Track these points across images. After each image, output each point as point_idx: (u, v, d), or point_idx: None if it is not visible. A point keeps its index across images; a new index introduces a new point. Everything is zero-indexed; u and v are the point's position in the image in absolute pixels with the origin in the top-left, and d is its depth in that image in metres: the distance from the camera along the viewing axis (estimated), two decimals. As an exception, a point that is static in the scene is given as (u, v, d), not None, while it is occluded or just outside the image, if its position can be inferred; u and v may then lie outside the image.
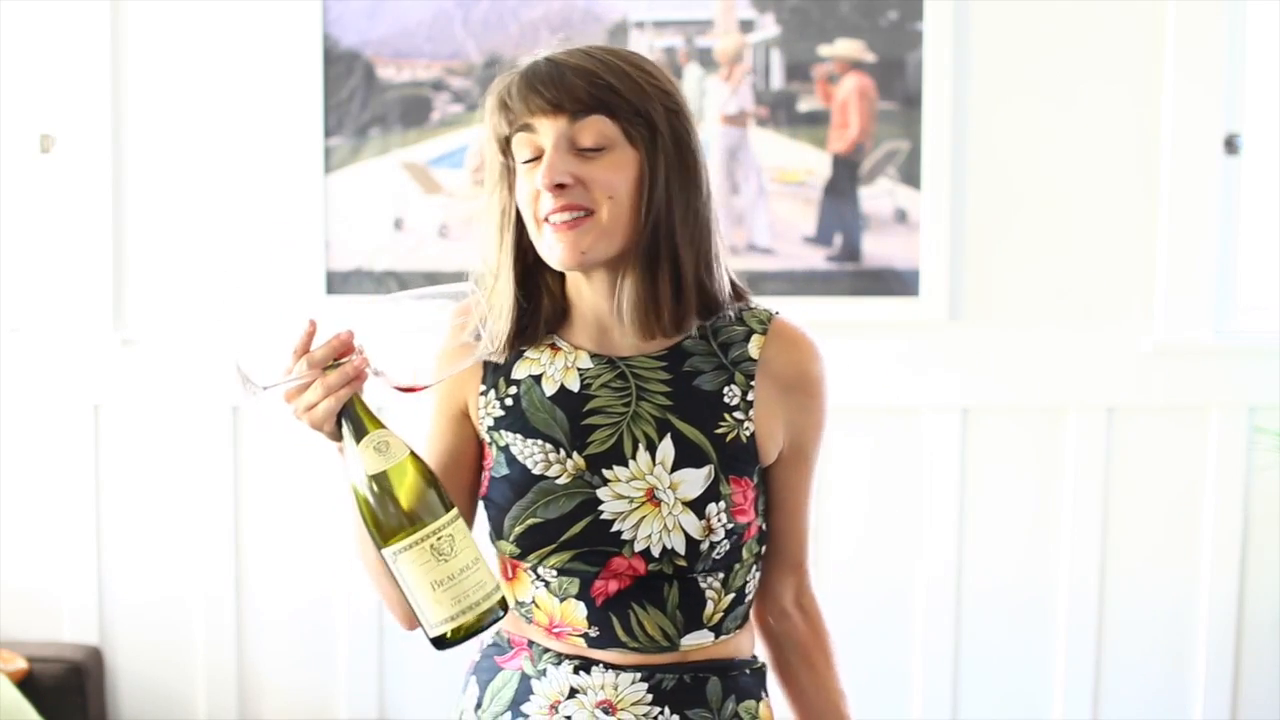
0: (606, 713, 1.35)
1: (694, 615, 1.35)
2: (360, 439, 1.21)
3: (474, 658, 1.47)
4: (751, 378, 1.37)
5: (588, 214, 1.30)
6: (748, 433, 1.36)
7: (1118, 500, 2.80)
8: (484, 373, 1.40)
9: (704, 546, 1.32)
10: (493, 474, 1.38)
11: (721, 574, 1.36)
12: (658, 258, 1.32)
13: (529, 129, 1.31)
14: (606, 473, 1.33)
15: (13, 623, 2.88)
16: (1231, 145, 2.72)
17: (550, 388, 1.37)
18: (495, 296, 1.37)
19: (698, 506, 1.32)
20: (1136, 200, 2.74)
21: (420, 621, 1.22)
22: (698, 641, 1.37)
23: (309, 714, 2.91)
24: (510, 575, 1.40)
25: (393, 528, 1.20)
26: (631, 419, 1.35)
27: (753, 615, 1.47)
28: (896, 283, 2.77)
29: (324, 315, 1.26)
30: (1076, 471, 2.78)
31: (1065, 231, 2.76)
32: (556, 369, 1.38)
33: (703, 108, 2.76)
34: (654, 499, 1.32)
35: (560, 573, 1.35)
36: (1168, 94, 2.70)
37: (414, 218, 2.82)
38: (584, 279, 1.36)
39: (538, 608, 1.38)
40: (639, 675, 1.35)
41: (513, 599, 1.40)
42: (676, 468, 1.33)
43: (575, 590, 1.34)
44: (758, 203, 2.78)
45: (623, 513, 1.32)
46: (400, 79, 2.80)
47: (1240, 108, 2.73)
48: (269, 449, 2.86)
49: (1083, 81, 2.73)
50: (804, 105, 2.76)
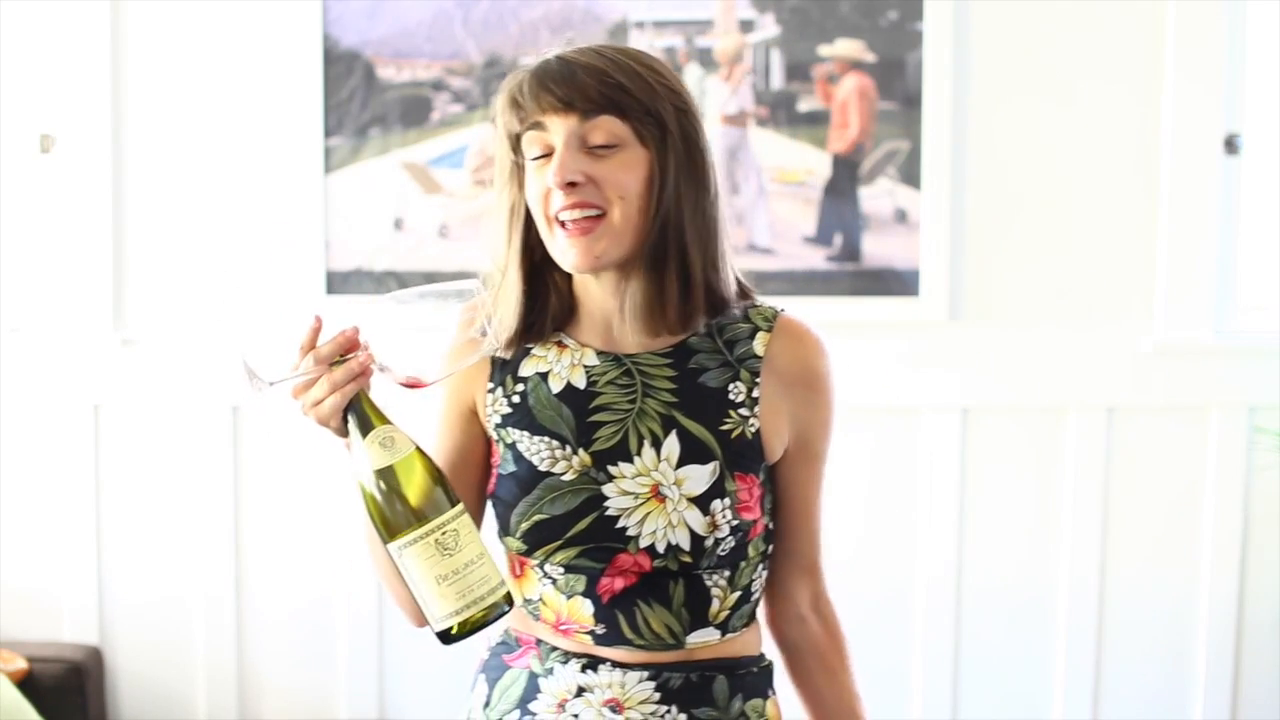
0: (614, 711, 1.35)
1: (700, 613, 1.36)
2: (366, 434, 1.22)
3: (483, 656, 1.47)
4: (757, 375, 1.37)
5: (599, 214, 1.30)
6: (753, 430, 1.36)
7: (1118, 500, 2.80)
8: (491, 370, 1.41)
9: (709, 543, 1.32)
10: (500, 471, 1.39)
11: (727, 571, 1.36)
12: (666, 257, 1.33)
13: (540, 127, 1.31)
14: (612, 469, 1.34)
15: (13, 623, 2.88)
16: (1231, 145, 2.72)
17: (557, 385, 1.37)
18: (503, 293, 1.38)
19: (703, 503, 1.32)
20: (1136, 200, 2.74)
21: (426, 616, 1.23)
22: (704, 639, 1.37)
23: (309, 714, 2.90)
24: (518, 572, 1.40)
25: (398, 523, 1.20)
26: (637, 416, 1.35)
27: (766, 621, 1.47)
28: (896, 283, 2.77)
29: (330, 312, 1.27)
30: (1076, 471, 2.78)
31: (1065, 231, 2.76)
32: (563, 366, 1.38)
33: (703, 108, 2.74)
34: (659, 495, 1.33)
35: (567, 569, 1.35)
36: (1168, 94, 2.70)
37: (414, 218, 2.82)
38: (591, 277, 1.36)
39: (545, 605, 1.38)
40: (646, 674, 1.36)
41: (520, 596, 1.40)
42: (681, 464, 1.33)
43: (582, 587, 1.35)
44: (758, 203, 2.78)
45: (627, 509, 1.33)
46: (400, 79, 2.80)
47: (1240, 108, 2.73)
48: (269, 449, 2.86)
49: (1082, 81, 2.73)
50: (804, 105, 2.76)
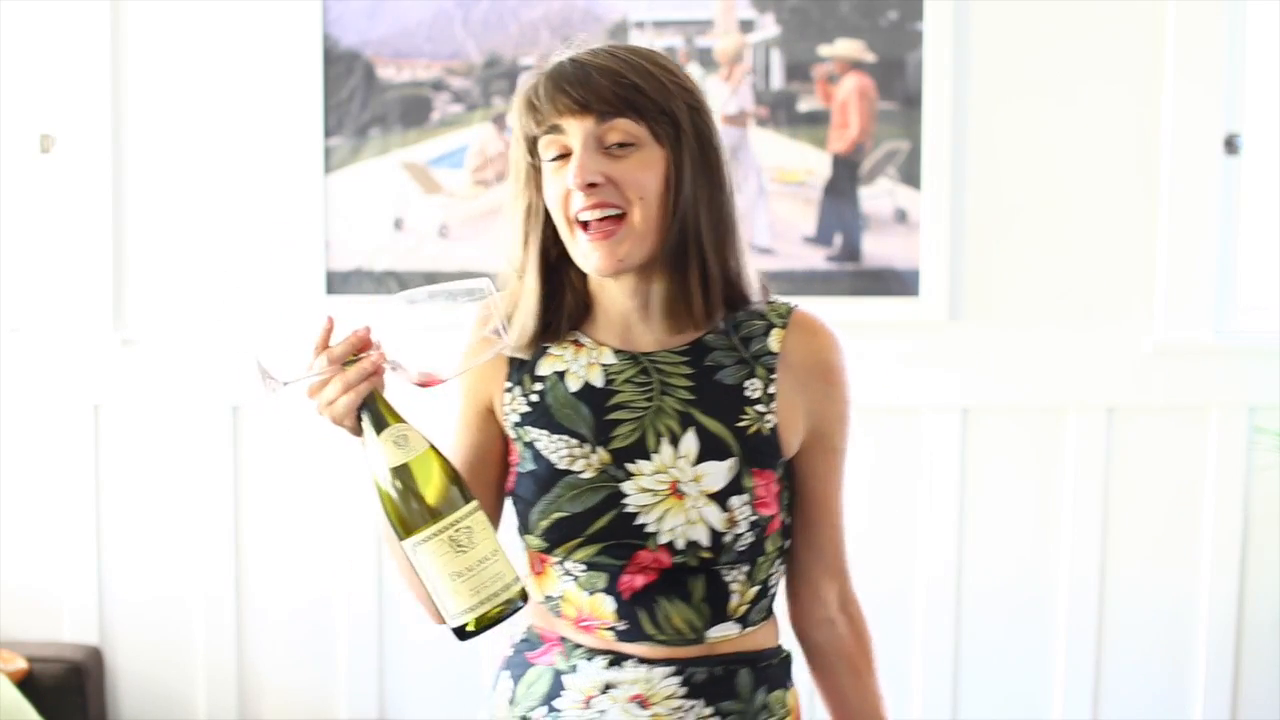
0: (640, 707, 1.36)
1: (720, 608, 1.37)
2: (380, 433, 1.23)
3: (506, 653, 1.48)
4: (772, 371, 1.38)
5: (620, 215, 1.31)
6: (769, 426, 1.37)
7: (1118, 500, 2.80)
8: (509, 370, 1.42)
9: (727, 539, 1.33)
10: (519, 469, 1.40)
11: (746, 566, 1.37)
12: (686, 256, 1.34)
13: (557, 130, 1.32)
14: (630, 466, 1.35)
15: (13, 623, 2.87)
16: (1231, 145, 2.72)
17: (574, 384, 1.38)
18: (521, 294, 1.39)
19: (721, 499, 1.34)
20: (1136, 200, 2.74)
21: (441, 613, 1.24)
22: (724, 634, 1.38)
23: (309, 714, 2.90)
24: (539, 569, 1.41)
25: (412, 520, 1.21)
26: (655, 413, 1.36)
27: (791, 622, 1.48)
28: (896, 283, 2.77)
29: (342, 312, 1.27)
30: (1076, 471, 2.79)
31: (1065, 231, 2.76)
32: (580, 365, 1.39)
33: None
34: (677, 492, 1.34)
35: (588, 567, 1.36)
36: (1168, 94, 2.70)
37: (414, 218, 2.82)
38: (610, 277, 1.37)
39: (566, 601, 1.39)
40: (671, 669, 1.36)
41: (541, 593, 1.41)
42: (700, 461, 1.34)
43: (603, 584, 1.36)
44: (758, 203, 2.78)
45: (646, 505, 1.34)
46: (400, 79, 2.80)
47: (1240, 108, 2.74)
48: (269, 449, 2.86)
49: (1082, 81, 2.73)
50: (804, 105, 2.76)
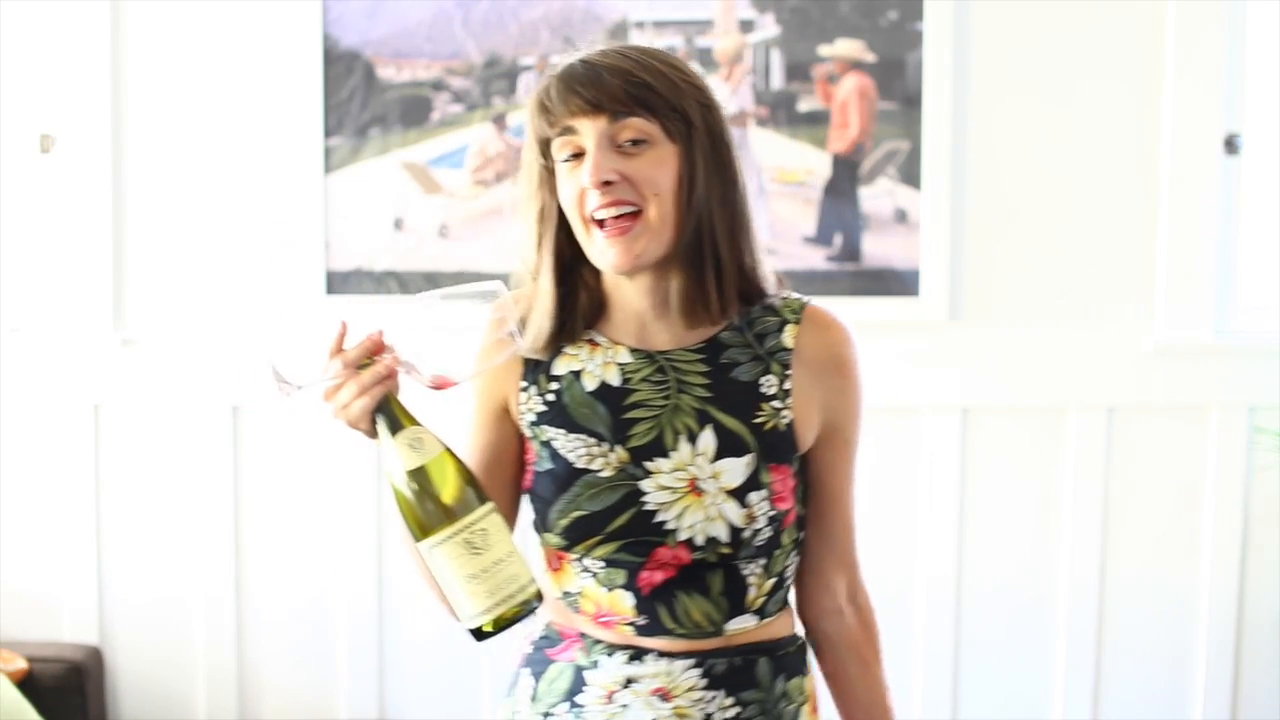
0: (663, 700, 1.37)
1: (738, 601, 1.38)
2: (395, 435, 1.23)
3: (525, 650, 1.48)
4: (787, 367, 1.39)
5: (636, 212, 1.32)
6: (785, 421, 1.38)
7: (1118, 500, 2.80)
8: (524, 370, 1.42)
9: (746, 534, 1.35)
10: (536, 469, 1.41)
11: (763, 560, 1.38)
12: (701, 251, 1.35)
13: (570, 130, 1.33)
14: (649, 464, 1.36)
15: (13, 623, 2.87)
16: (1231, 145, 2.72)
17: (591, 383, 1.39)
18: (536, 296, 1.39)
19: (740, 495, 1.35)
20: (1136, 200, 2.75)
21: (457, 613, 1.24)
22: (742, 625, 1.39)
23: (309, 714, 2.90)
24: (556, 566, 1.42)
25: (428, 522, 1.22)
26: (672, 411, 1.37)
27: (800, 613, 1.49)
28: (896, 283, 2.77)
29: (356, 315, 1.28)
30: (1076, 471, 2.79)
31: (1065, 231, 2.76)
32: (596, 364, 1.40)
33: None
34: (696, 489, 1.35)
35: (607, 564, 1.37)
36: (1168, 94, 2.70)
37: (414, 218, 2.82)
38: (624, 275, 1.37)
39: (585, 598, 1.40)
40: (691, 661, 1.38)
41: (558, 589, 1.42)
42: (718, 458, 1.35)
43: (622, 580, 1.37)
44: (758, 203, 2.77)
45: (666, 503, 1.35)
46: (400, 79, 2.80)
47: (1240, 108, 2.74)
48: (269, 449, 2.86)
49: (1082, 81, 2.73)
50: (804, 105, 2.77)
